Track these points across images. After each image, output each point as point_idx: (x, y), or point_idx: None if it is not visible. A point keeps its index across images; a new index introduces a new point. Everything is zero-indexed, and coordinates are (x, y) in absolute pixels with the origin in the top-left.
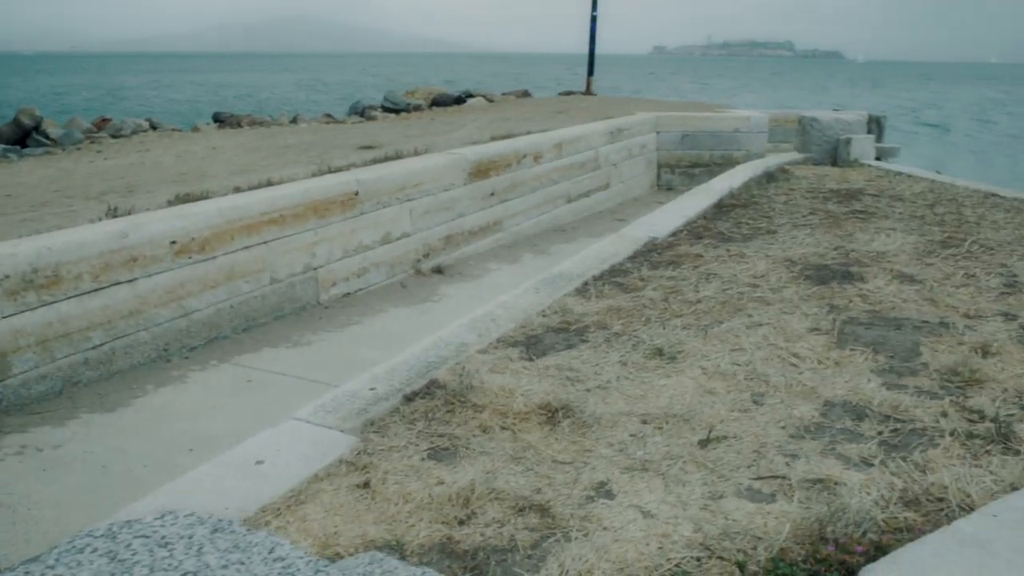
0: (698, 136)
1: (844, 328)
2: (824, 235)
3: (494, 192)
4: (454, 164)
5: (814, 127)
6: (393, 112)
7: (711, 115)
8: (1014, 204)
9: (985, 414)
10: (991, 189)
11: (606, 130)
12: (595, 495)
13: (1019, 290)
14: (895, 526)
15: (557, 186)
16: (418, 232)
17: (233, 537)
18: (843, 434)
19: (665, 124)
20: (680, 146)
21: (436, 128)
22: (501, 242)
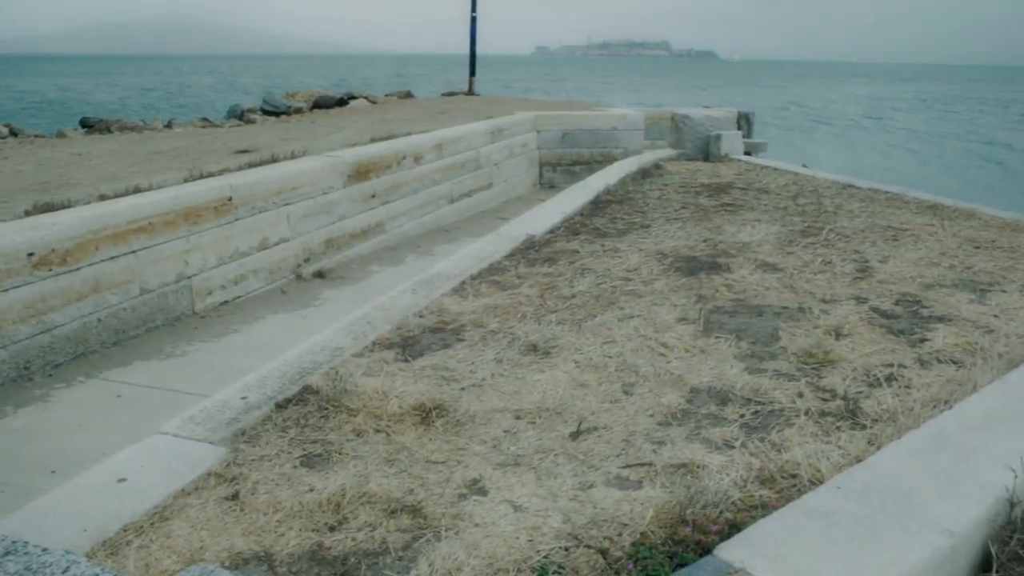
0: (578, 134)
1: (710, 317)
2: (695, 228)
3: (375, 194)
4: (333, 167)
5: (686, 124)
6: (273, 115)
7: (589, 114)
8: (868, 194)
9: (836, 392)
10: (849, 180)
11: (487, 130)
12: (468, 493)
13: (870, 274)
14: (751, 504)
15: (439, 187)
16: (297, 236)
17: (26, 559)
18: (708, 419)
19: (545, 123)
20: (561, 144)
21: (316, 130)
22: (384, 244)
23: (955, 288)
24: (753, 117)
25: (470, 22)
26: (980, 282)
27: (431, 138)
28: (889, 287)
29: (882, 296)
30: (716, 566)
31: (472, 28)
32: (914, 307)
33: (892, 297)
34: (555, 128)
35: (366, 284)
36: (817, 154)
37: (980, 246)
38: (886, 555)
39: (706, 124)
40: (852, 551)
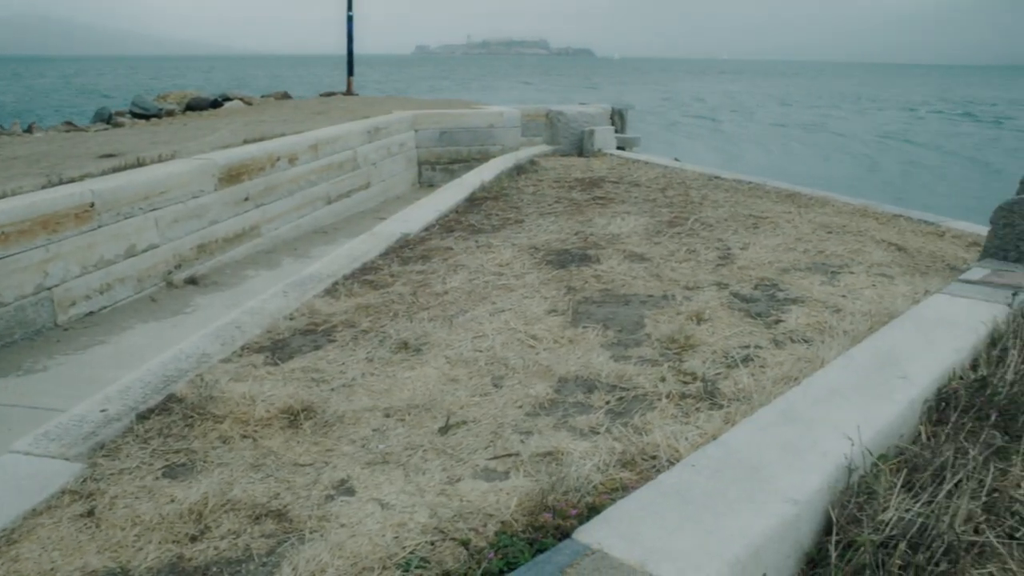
0: (456, 133)
1: (579, 308)
2: (567, 222)
3: (249, 197)
4: (203, 169)
5: (560, 120)
6: (143, 118)
7: (468, 112)
8: (733, 184)
9: (697, 375)
10: (715, 172)
11: (363, 129)
12: (335, 493)
13: (732, 261)
14: (612, 487)
15: (316, 188)
16: (167, 242)
17: None
18: (575, 407)
19: (423, 122)
20: (439, 143)
21: (188, 133)
22: (260, 248)
23: (809, 271)
24: (627, 113)
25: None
26: (831, 265)
27: (306, 139)
28: (749, 272)
29: (742, 281)
30: (574, 549)
31: (349, 28)
32: (771, 291)
33: (751, 282)
34: (433, 127)
35: (241, 289)
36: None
37: (832, 231)
38: (735, 526)
39: (580, 120)
40: (704, 524)
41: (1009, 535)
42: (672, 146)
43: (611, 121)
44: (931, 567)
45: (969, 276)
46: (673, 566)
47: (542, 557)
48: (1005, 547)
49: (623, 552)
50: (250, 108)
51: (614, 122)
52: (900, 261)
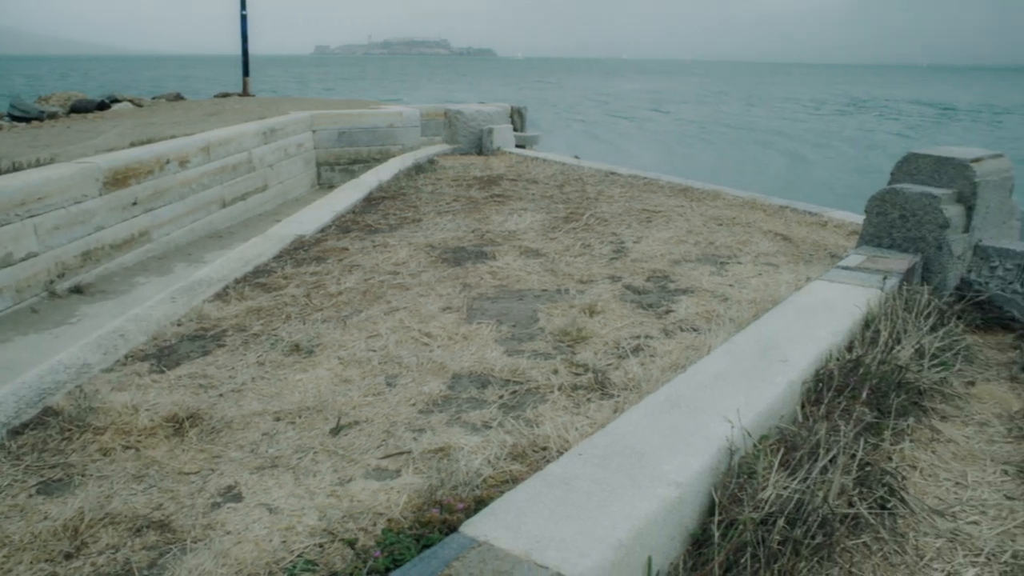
0: (355, 133)
1: (473, 304)
2: (464, 220)
3: (137, 201)
4: (86, 173)
5: (459, 119)
6: (23, 120)
7: (367, 112)
8: (629, 180)
9: (588, 367)
10: (612, 168)
11: (258, 131)
12: (222, 500)
13: (625, 254)
14: (502, 480)
15: (209, 191)
16: (48, 250)
17: None
18: (468, 403)
19: (321, 122)
20: (338, 143)
21: (71, 136)
22: (151, 253)
23: (699, 262)
24: (526, 111)
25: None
26: (721, 256)
27: (197, 140)
28: (642, 265)
29: (635, 274)
30: (460, 542)
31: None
32: (663, 282)
33: (644, 274)
34: (332, 127)
35: (130, 297)
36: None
37: (722, 223)
38: (619, 511)
39: (479, 119)
40: (589, 512)
41: (881, 505)
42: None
43: (510, 120)
44: (808, 540)
45: (847, 263)
46: (558, 553)
47: (428, 552)
48: (877, 517)
49: (509, 543)
50: (140, 110)
51: (513, 121)
52: (785, 250)
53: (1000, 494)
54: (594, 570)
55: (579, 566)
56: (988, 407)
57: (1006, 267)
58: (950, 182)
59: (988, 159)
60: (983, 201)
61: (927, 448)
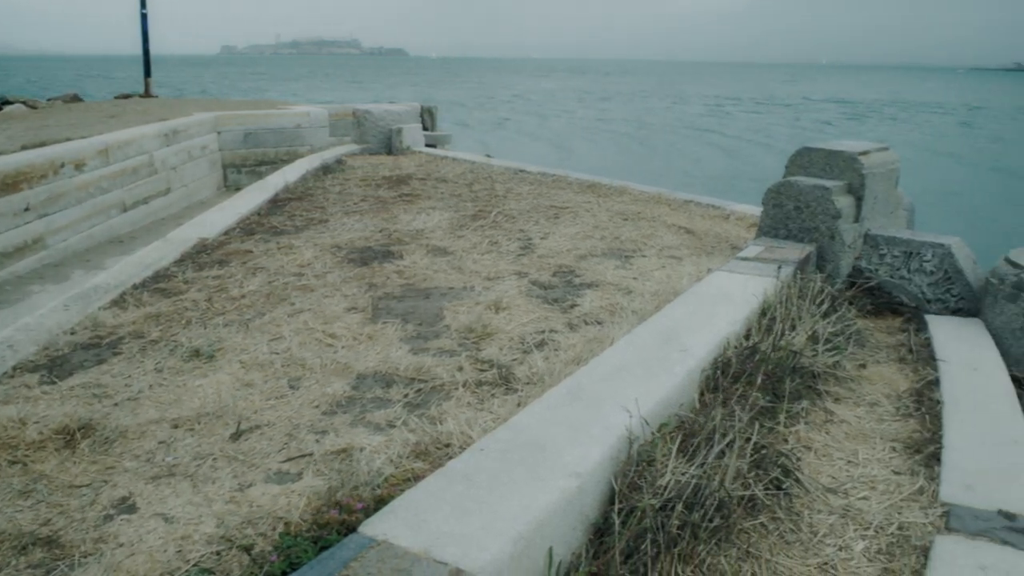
0: (261, 134)
1: (379, 304)
2: (372, 219)
3: (29, 207)
4: None
5: (368, 119)
6: None
7: (273, 112)
8: (537, 177)
9: (493, 362)
10: (521, 166)
11: (160, 132)
12: (115, 513)
13: (532, 250)
14: (404, 478)
15: (109, 195)
16: None
17: None
18: (372, 403)
19: (226, 123)
20: (244, 145)
21: None
22: (47, 261)
23: (605, 257)
24: (436, 111)
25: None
26: (626, 250)
27: (95, 143)
28: (548, 261)
29: (541, 270)
30: (359, 542)
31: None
32: (568, 277)
33: (550, 270)
34: (237, 128)
35: (23, 307)
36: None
37: (628, 218)
38: (519, 504)
39: (388, 118)
40: (489, 505)
41: (777, 486)
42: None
43: (421, 119)
44: (706, 524)
45: (745, 254)
46: (458, 549)
47: (326, 554)
48: (773, 498)
49: (409, 541)
50: (34, 112)
51: (424, 120)
52: (689, 243)
53: (888, 470)
54: (493, 563)
55: (478, 560)
56: (878, 388)
57: (894, 254)
58: (840, 174)
59: (875, 152)
60: (871, 192)
61: (821, 429)
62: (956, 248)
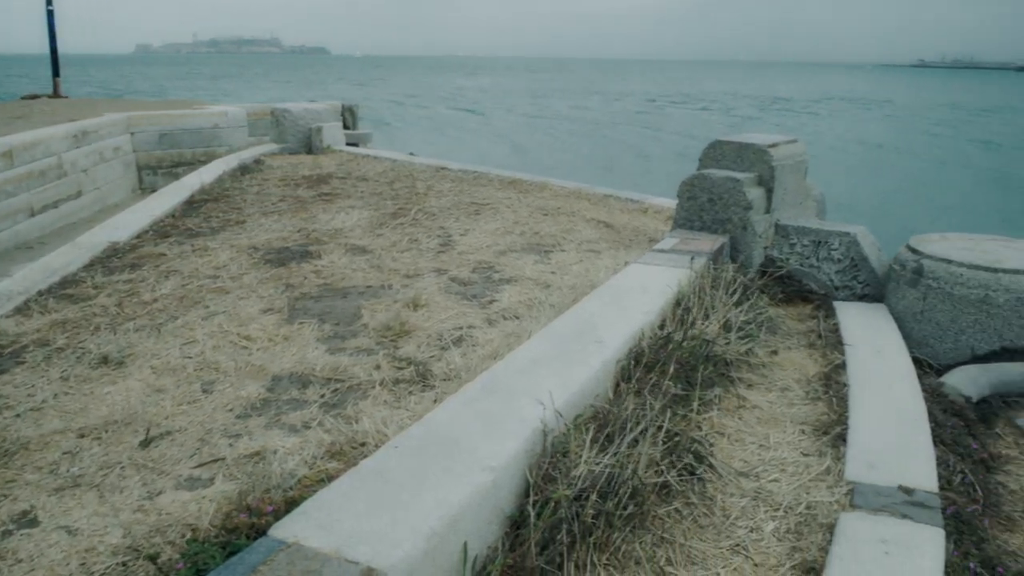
0: (177, 134)
1: (296, 304)
2: (291, 219)
3: None
4: None
5: (287, 118)
6: None
7: (189, 112)
8: (459, 174)
9: (411, 360)
10: (443, 163)
11: (68, 133)
12: (15, 528)
13: (452, 247)
14: (318, 479)
15: (14, 199)
16: None
17: None
18: (288, 404)
19: (140, 124)
20: (159, 146)
21: None
22: None
23: (524, 252)
24: (357, 109)
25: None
26: (545, 245)
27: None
28: (468, 257)
29: (461, 266)
30: (268, 545)
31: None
32: (488, 273)
33: (469, 266)
34: (152, 129)
35: None
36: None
37: (548, 213)
38: (432, 500)
39: (307, 117)
40: (402, 502)
41: (690, 472)
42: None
43: (342, 118)
44: (620, 512)
45: (661, 246)
46: (369, 547)
47: (234, 559)
48: (687, 484)
49: (320, 542)
50: None
51: (345, 119)
52: (607, 237)
53: (798, 452)
54: (406, 560)
55: (390, 558)
56: (789, 373)
57: (803, 243)
58: (751, 166)
59: (784, 144)
60: (781, 183)
61: (734, 415)
62: (861, 236)
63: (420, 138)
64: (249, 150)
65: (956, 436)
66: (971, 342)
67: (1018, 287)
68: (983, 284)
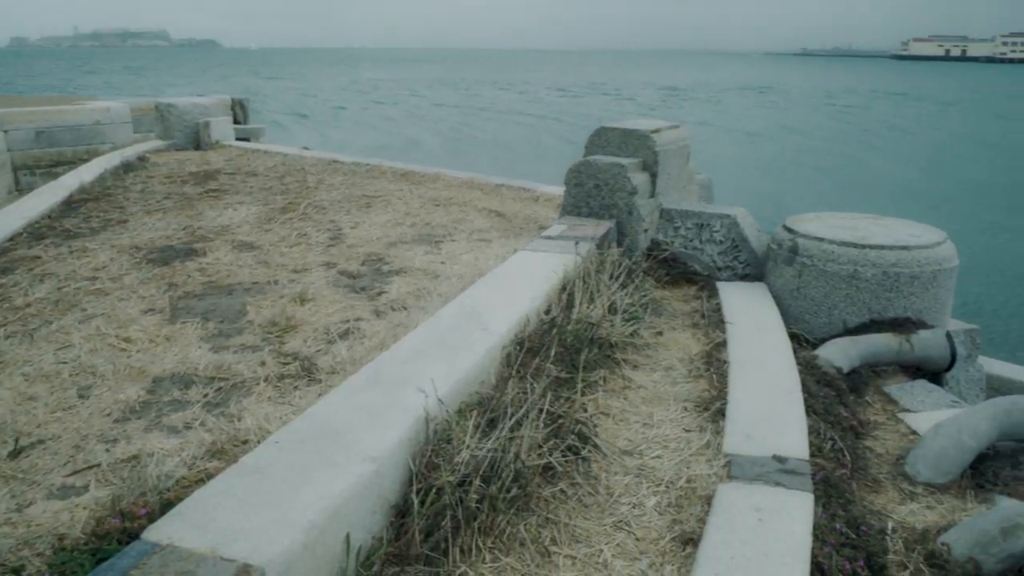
0: (56, 132)
1: (178, 304)
2: (176, 217)
3: None
4: None
5: (173, 113)
6: None
7: (68, 108)
8: (351, 167)
9: (297, 355)
10: (335, 156)
11: None
12: None
13: (342, 241)
14: (197, 479)
15: None
16: None
17: None
18: (170, 406)
19: (13, 121)
20: (37, 144)
21: None
22: None
23: (414, 243)
24: (248, 103)
25: None
26: (436, 235)
27: None
28: (357, 250)
29: (350, 259)
30: (141, 549)
31: None
32: (377, 265)
33: (359, 259)
34: (27, 126)
35: None
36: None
37: (440, 204)
38: (313, 493)
39: (194, 112)
40: (282, 497)
41: (575, 453)
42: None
43: (232, 112)
44: (503, 495)
45: (549, 232)
46: (247, 544)
47: (104, 565)
48: (572, 465)
49: (195, 542)
50: None
51: (236, 113)
52: (499, 226)
53: (680, 428)
54: (283, 555)
55: (267, 554)
56: (673, 353)
57: (687, 226)
58: (635, 152)
59: (666, 130)
60: (665, 168)
61: (620, 396)
62: (741, 218)
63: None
64: (133, 147)
65: (828, 405)
66: (843, 316)
67: (883, 262)
68: (852, 260)
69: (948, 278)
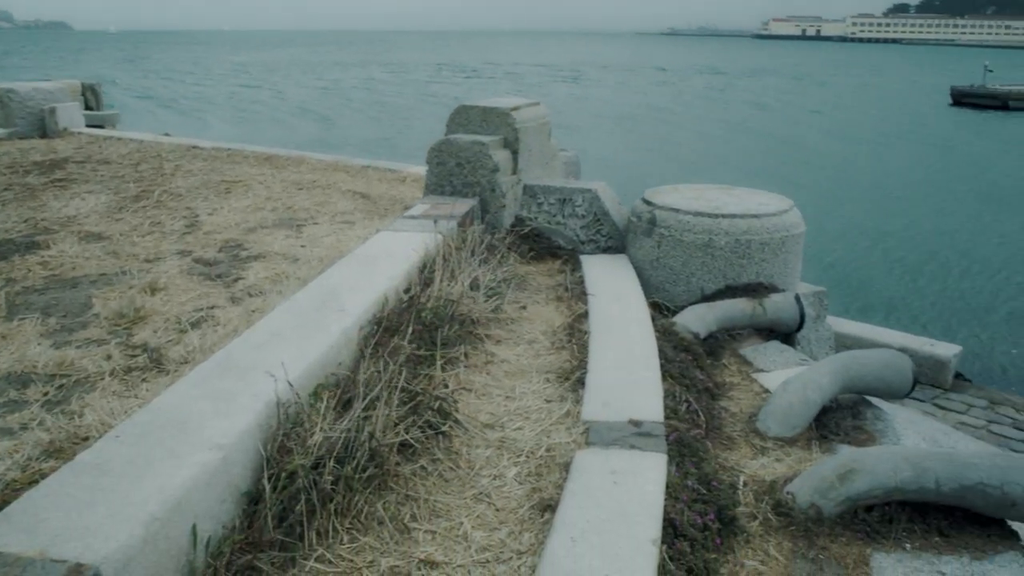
0: None
1: (16, 300)
2: (16, 209)
3: None
4: None
5: (13, 99)
6: None
7: None
8: (212, 152)
9: (145, 346)
10: (194, 142)
11: None
12: None
13: (198, 228)
14: (31, 480)
15: None
16: None
17: None
18: (5, 407)
19: None
20: None
21: None
22: None
23: (275, 228)
24: (100, 88)
25: None
26: (298, 219)
27: None
28: (214, 237)
29: (207, 246)
30: None
31: None
32: (235, 251)
33: (216, 246)
34: None
35: None
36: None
37: (303, 187)
38: (154, 485)
39: (37, 98)
40: (120, 492)
41: (434, 429)
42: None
43: (83, 98)
44: (359, 475)
45: (411, 212)
46: (79, 543)
47: None
48: (433, 441)
49: (23, 545)
50: None
51: (87, 99)
52: (363, 207)
53: (542, 399)
54: (120, 551)
55: (101, 551)
56: (537, 326)
57: (550, 202)
58: (496, 130)
59: (526, 107)
60: (526, 145)
61: (482, 371)
62: (602, 192)
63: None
64: None
65: (684, 370)
66: (700, 283)
67: (735, 230)
68: (707, 229)
69: (796, 244)
